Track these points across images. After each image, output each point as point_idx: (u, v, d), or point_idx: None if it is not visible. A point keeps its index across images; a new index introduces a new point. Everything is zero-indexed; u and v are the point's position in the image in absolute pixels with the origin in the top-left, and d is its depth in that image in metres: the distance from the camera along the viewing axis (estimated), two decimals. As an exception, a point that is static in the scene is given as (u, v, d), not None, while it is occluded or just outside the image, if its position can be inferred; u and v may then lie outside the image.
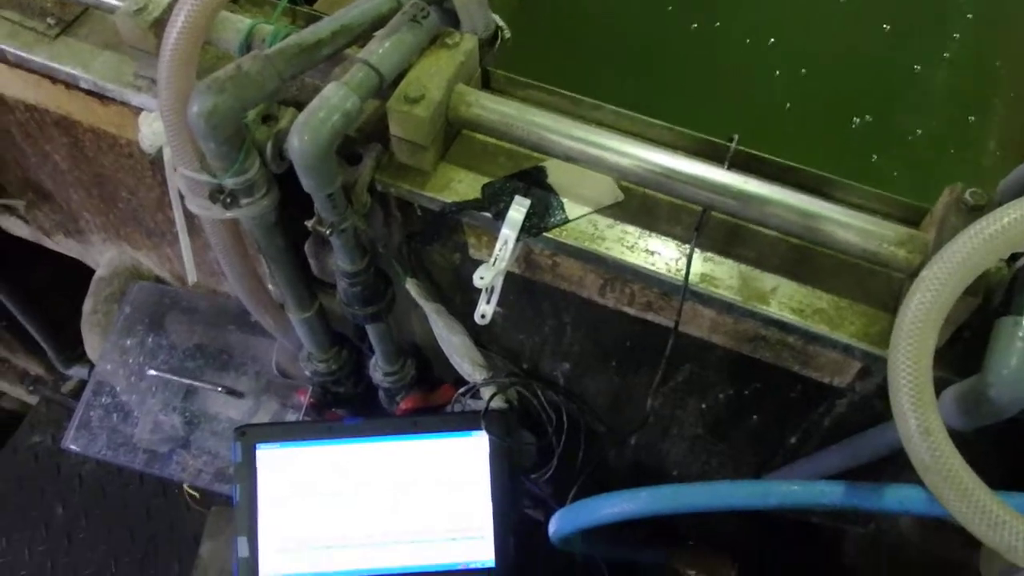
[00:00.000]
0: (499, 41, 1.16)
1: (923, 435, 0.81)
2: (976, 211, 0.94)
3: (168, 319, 1.72)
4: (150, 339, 1.69)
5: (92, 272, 1.83)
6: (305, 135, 0.97)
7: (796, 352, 1.08)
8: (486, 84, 1.18)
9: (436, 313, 1.30)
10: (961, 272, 0.85)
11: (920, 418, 0.81)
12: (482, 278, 1.02)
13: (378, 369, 1.50)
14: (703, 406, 1.32)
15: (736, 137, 1.12)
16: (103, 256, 1.81)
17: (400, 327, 1.48)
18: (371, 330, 1.35)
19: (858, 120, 1.40)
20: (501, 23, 1.16)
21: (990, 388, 0.85)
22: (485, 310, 1.06)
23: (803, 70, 1.47)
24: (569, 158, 1.04)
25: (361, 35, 1.08)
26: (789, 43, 1.52)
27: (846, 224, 0.96)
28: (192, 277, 1.19)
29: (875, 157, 1.39)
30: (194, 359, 1.65)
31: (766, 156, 1.09)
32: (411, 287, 1.25)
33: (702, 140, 1.11)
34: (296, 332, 1.45)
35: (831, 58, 1.52)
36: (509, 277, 1.19)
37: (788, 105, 1.43)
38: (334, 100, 0.97)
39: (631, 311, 1.15)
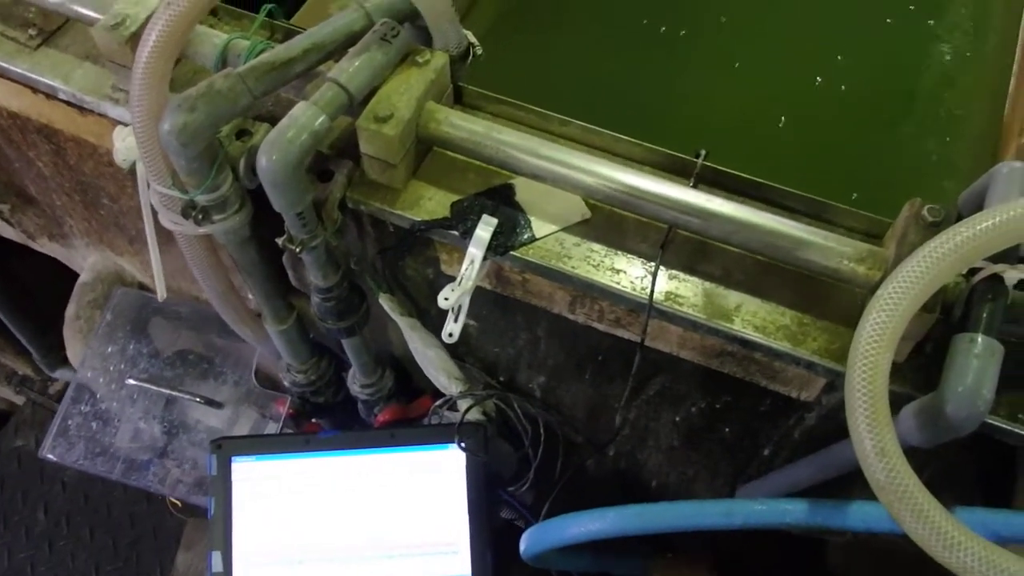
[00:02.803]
0: (471, 57, 1.17)
1: (879, 456, 0.82)
2: (934, 227, 0.95)
3: (150, 326, 1.73)
4: (131, 346, 1.70)
5: (79, 275, 1.83)
6: (273, 154, 0.98)
7: (762, 367, 1.09)
8: (458, 100, 1.20)
9: (411, 328, 1.31)
10: (916, 291, 0.86)
11: (875, 439, 0.82)
12: (447, 298, 1.03)
13: (356, 381, 1.51)
14: (676, 418, 1.33)
15: (703, 152, 1.13)
16: (87, 260, 1.82)
17: (377, 338, 1.49)
18: (347, 344, 1.36)
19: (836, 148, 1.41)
20: (473, 40, 1.17)
21: (946, 405, 0.86)
22: (452, 329, 1.07)
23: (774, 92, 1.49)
24: (536, 176, 1.06)
25: (334, 52, 1.09)
26: (756, 66, 1.53)
27: (806, 242, 0.98)
28: (162, 294, 1.20)
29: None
30: (174, 367, 1.65)
31: (732, 172, 1.10)
32: (385, 302, 1.26)
33: (669, 156, 1.12)
34: (274, 343, 1.46)
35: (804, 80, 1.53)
36: (481, 292, 1.20)
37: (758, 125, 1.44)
38: (303, 119, 0.99)
39: (600, 327, 1.16)
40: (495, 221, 1.06)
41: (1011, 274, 0.90)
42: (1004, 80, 1.43)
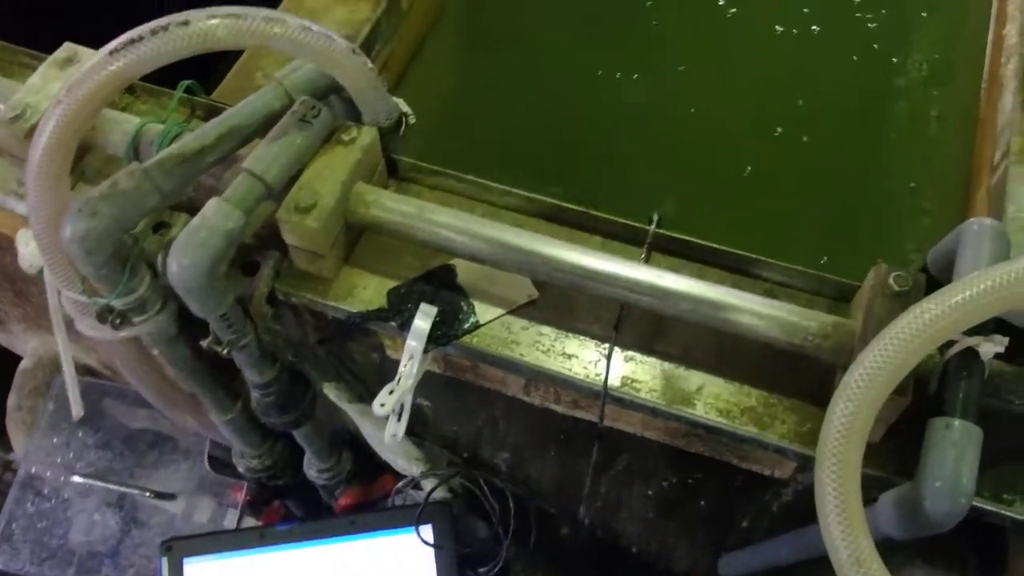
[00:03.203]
0: (403, 127, 1.10)
1: (855, 565, 0.74)
2: (902, 297, 0.88)
3: (96, 413, 1.64)
4: (78, 435, 1.61)
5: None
6: (184, 259, 0.90)
7: (730, 447, 1.02)
8: (393, 173, 1.13)
9: (361, 414, 1.23)
10: (883, 378, 0.78)
11: (850, 547, 0.74)
12: (383, 404, 0.95)
13: (312, 467, 1.42)
14: (648, 491, 1.25)
15: (656, 218, 1.07)
16: (27, 345, 1.74)
17: (332, 417, 1.41)
18: (296, 434, 1.28)
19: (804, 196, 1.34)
20: (406, 108, 1.10)
21: (925, 501, 0.79)
22: (395, 429, 0.99)
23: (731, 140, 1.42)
24: (475, 259, 0.98)
25: (253, 135, 1.02)
26: (715, 113, 1.46)
27: (767, 317, 0.90)
28: (77, 412, 1.11)
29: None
30: (124, 458, 1.57)
31: (686, 238, 1.03)
32: (330, 392, 1.19)
33: (621, 224, 1.05)
34: (222, 432, 1.38)
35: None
36: (431, 375, 1.13)
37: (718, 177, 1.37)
38: (214, 220, 0.91)
39: (559, 408, 1.09)
40: (435, 309, 0.99)
41: (986, 347, 0.83)
42: (971, 120, 1.37)
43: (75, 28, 1.23)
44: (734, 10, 1.54)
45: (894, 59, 1.50)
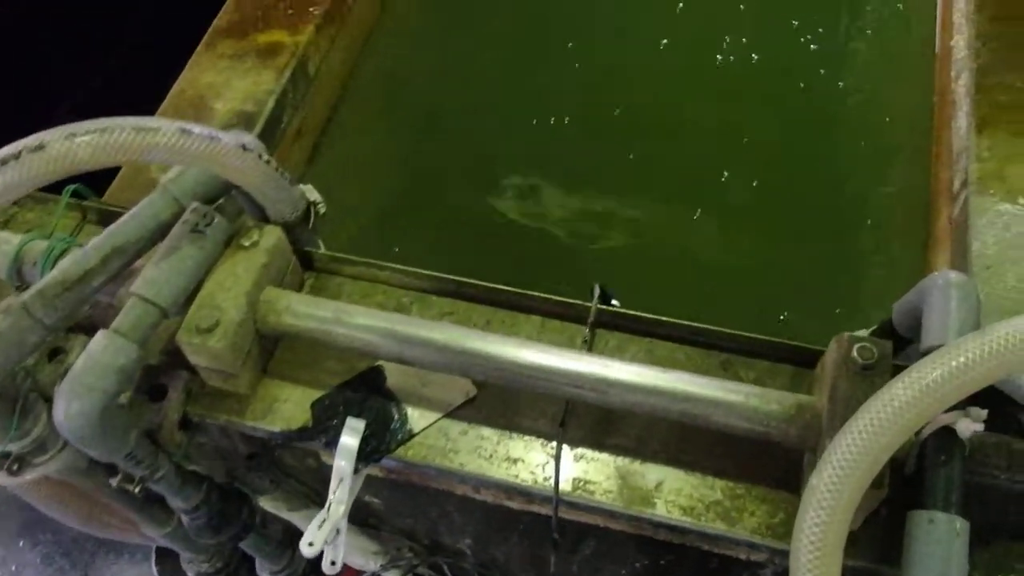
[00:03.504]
0: (313, 218, 1.00)
1: None
2: (867, 371, 0.81)
3: (33, 521, 1.53)
4: (19, 545, 1.50)
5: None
6: (72, 406, 0.80)
7: (700, 538, 0.94)
8: (309, 266, 1.03)
9: (306, 519, 1.13)
10: (855, 477, 0.70)
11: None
12: (311, 544, 0.85)
13: (264, 570, 1.33)
14: (622, 572, 1.17)
15: (598, 291, 0.98)
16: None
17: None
18: (241, 545, 1.19)
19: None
20: (315, 197, 1.01)
21: (913, 609, 0.71)
22: (334, 556, 0.90)
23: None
24: (402, 361, 0.90)
25: (144, 248, 0.92)
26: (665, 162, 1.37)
27: (725, 404, 0.82)
28: None
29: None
30: (64, 573, 1.46)
31: (632, 312, 0.95)
32: (267, 504, 1.10)
33: (561, 302, 0.97)
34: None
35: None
36: (373, 478, 1.04)
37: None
38: (104, 358, 0.81)
39: (512, 505, 1.00)
40: (362, 423, 0.90)
41: (964, 425, 0.75)
42: (925, 140, 1.29)
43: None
44: (666, 41, 1.44)
45: (840, 83, 1.41)
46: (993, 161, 1.05)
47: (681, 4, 1.51)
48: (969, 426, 0.75)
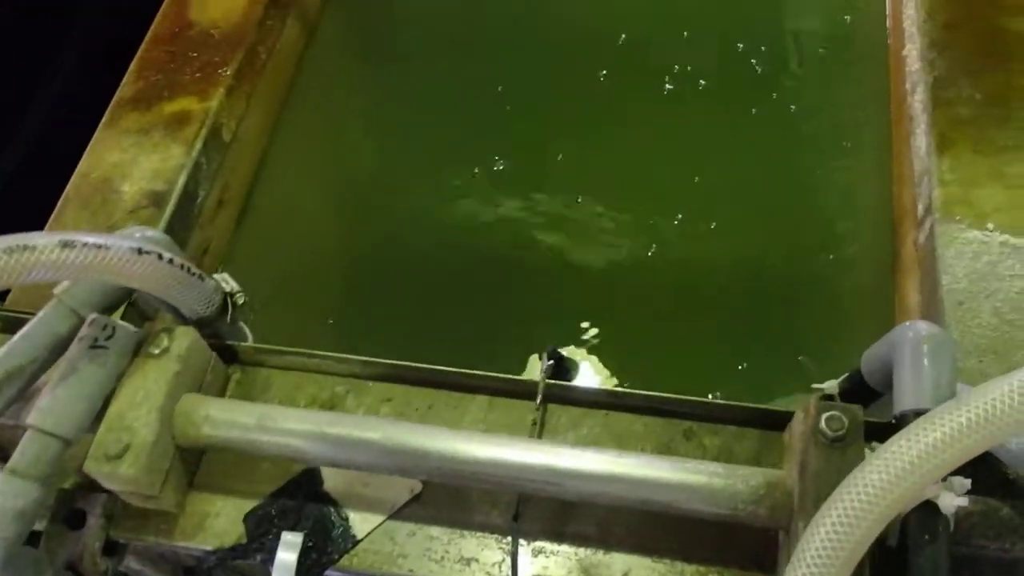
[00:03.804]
0: (231, 309, 0.93)
1: None
2: (837, 443, 0.74)
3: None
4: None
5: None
6: (-34, 561, 0.72)
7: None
8: (233, 360, 0.95)
9: (260, 619, 1.06)
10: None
11: None
12: None
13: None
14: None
15: (547, 361, 0.91)
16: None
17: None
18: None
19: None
20: (231, 287, 0.93)
21: None
22: None
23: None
24: (336, 465, 0.82)
25: (43, 367, 0.84)
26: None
27: (688, 489, 0.75)
28: None
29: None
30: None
31: (582, 386, 0.88)
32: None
33: (508, 380, 0.90)
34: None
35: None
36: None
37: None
38: (1, 502, 0.73)
39: (476, 599, 0.93)
40: (299, 537, 0.82)
41: (947, 500, 0.69)
42: (885, 160, 1.22)
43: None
44: (604, 72, 1.35)
45: (792, 107, 1.33)
46: (957, 185, 0.98)
47: (624, 36, 1.42)
48: (952, 501, 0.68)
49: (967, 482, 0.69)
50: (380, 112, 1.43)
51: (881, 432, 0.82)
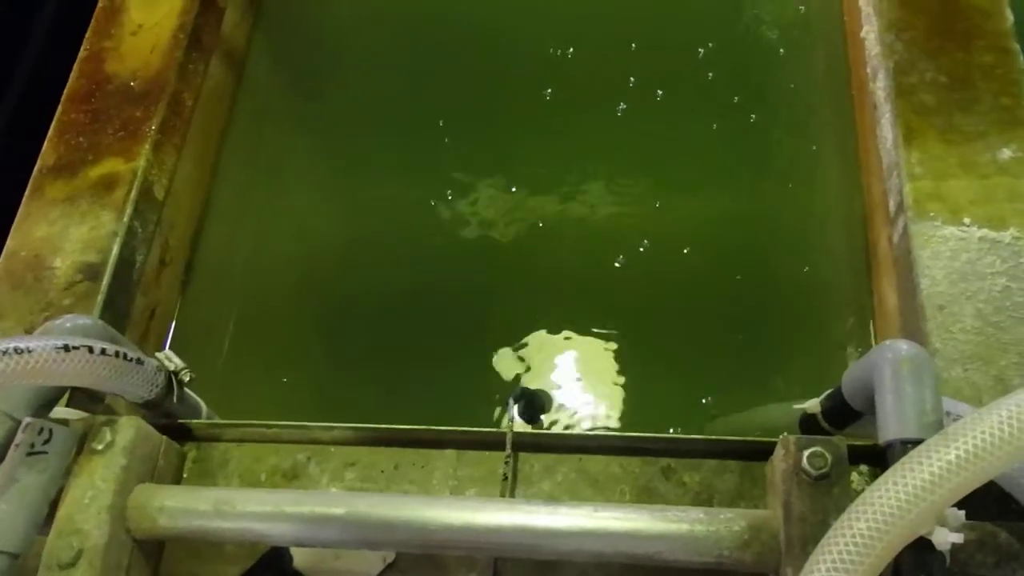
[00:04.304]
0: (176, 389, 0.88)
1: None
2: (822, 481, 0.70)
3: None
4: None
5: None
6: None
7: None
8: (187, 437, 0.90)
9: None
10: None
11: None
12: None
13: None
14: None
15: (512, 405, 0.87)
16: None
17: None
18: None
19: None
20: (175, 365, 0.88)
21: None
22: None
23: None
24: (301, 545, 0.78)
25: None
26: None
27: (669, 539, 0.72)
28: None
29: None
30: None
31: (553, 432, 0.84)
32: None
33: (475, 433, 0.86)
34: None
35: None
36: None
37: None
38: (-55, 631, 0.70)
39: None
40: (272, 623, 0.78)
41: (941, 537, 0.65)
42: (851, 155, 1.16)
43: None
44: (550, 90, 1.27)
45: (752, 116, 1.26)
46: (927, 178, 0.93)
47: (571, 49, 1.34)
48: (946, 537, 0.64)
49: (961, 514, 0.65)
50: (320, 147, 1.37)
51: (868, 456, 0.79)
